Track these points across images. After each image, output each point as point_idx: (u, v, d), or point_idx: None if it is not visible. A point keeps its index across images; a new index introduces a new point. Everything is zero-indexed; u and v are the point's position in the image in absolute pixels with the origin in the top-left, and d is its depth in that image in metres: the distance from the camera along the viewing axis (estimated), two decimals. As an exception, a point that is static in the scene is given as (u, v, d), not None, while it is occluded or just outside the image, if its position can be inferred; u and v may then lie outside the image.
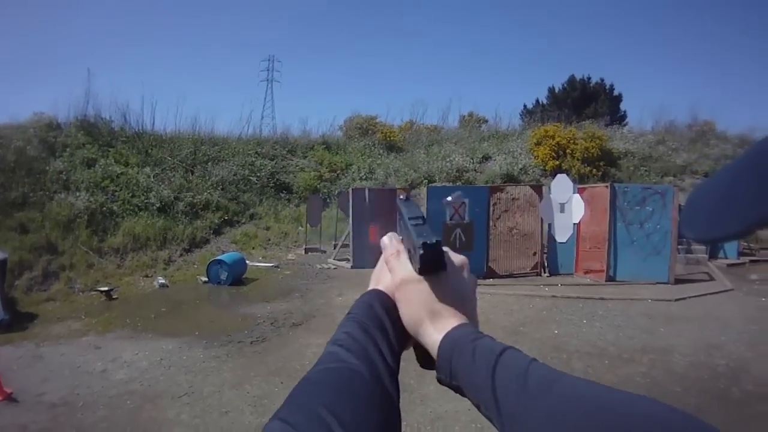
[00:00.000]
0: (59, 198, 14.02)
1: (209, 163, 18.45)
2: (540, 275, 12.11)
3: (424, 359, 0.73)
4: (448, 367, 0.66)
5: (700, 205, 0.46)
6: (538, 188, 12.79)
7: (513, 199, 12.34)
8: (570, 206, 11.99)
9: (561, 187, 12.28)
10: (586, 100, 29.89)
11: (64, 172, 15.07)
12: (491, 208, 12.07)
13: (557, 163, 19.71)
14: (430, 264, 0.70)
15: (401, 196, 0.86)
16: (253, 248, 15.33)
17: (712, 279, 12.01)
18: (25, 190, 13.77)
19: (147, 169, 16.71)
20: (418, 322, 0.71)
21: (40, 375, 6.34)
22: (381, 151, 22.04)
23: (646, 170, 20.24)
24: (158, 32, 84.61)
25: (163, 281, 11.90)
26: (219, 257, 12.00)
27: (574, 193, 12.08)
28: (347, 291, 10.56)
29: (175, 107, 60.14)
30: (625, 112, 31.08)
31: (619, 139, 22.04)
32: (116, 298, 10.62)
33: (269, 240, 16.17)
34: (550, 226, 12.31)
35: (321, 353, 0.65)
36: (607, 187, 11.77)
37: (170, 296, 10.76)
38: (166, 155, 17.90)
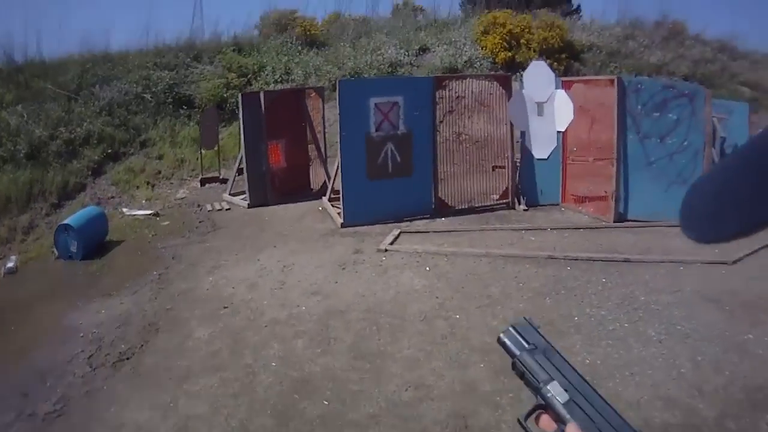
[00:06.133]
0: None
1: (97, 86, 15.13)
2: (513, 208, 8.83)
3: None
4: None
5: (698, 205, 0.44)
6: (504, 79, 9.23)
7: (471, 93, 8.77)
8: (552, 107, 8.52)
9: (538, 79, 8.82)
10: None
11: None
12: (437, 111, 8.46)
13: (510, 54, 17.50)
14: None
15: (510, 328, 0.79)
16: (137, 188, 12.34)
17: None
18: None
19: (19, 107, 13.39)
20: None
21: None
22: (300, 48, 19.38)
23: (616, 66, 18.38)
24: None
25: (13, 264, 8.28)
26: (66, 220, 8.40)
27: (557, 88, 8.55)
28: (226, 259, 7.30)
29: (62, 25, 49.04)
30: (579, 5, 28.03)
31: (581, 30, 20.23)
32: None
33: (160, 173, 13.16)
34: (523, 135, 8.92)
35: None
36: (612, 81, 8.25)
37: (12, 291, 7.21)
38: (48, 84, 14.53)
